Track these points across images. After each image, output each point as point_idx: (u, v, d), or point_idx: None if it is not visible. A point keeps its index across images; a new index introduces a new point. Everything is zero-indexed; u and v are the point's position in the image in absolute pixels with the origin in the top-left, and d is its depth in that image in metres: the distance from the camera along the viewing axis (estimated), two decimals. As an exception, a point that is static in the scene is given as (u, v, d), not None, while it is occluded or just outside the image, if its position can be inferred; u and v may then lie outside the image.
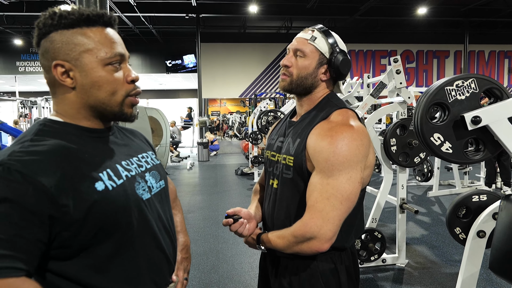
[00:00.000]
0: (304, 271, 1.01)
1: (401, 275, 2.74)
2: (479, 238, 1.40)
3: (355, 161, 0.90)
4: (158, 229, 0.79)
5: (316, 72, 1.01)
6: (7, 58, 12.30)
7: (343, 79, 1.04)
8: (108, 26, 0.73)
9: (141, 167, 0.80)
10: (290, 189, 1.01)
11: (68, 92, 0.71)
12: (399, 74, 2.76)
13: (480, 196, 1.52)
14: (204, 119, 9.95)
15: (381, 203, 2.84)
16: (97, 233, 0.67)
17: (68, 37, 0.69)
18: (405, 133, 2.70)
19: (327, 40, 1.00)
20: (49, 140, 0.67)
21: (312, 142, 0.95)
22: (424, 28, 11.59)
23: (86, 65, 0.69)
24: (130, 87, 0.75)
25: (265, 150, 1.17)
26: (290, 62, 1.02)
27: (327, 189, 0.90)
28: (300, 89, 1.03)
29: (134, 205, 0.73)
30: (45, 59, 0.70)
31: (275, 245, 0.98)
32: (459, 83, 1.30)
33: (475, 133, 1.32)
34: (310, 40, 1.00)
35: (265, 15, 9.94)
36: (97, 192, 0.66)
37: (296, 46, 1.01)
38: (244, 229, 1.05)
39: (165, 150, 5.07)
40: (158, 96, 18.91)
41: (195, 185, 6.42)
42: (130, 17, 9.65)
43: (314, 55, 1.00)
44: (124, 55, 0.74)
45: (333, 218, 0.89)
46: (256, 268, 2.89)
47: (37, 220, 0.60)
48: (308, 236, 0.90)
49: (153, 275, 0.76)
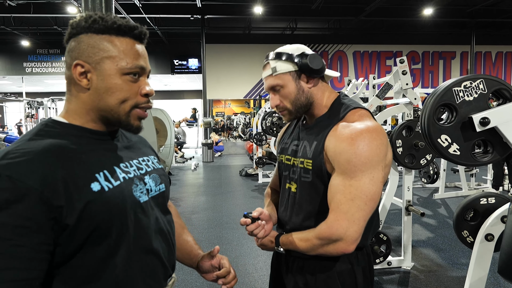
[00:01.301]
0: (321, 271, 1.01)
1: (407, 278, 2.71)
2: (488, 241, 1.38)
3: (376, 161, 0.91)
4: (154, 233, 0.78)
5: (301, 88, 1.02)
6: (14, 59, 12.43)
7: (323, 72, 1.02)
8: (137, 39, 0.75)
9: (141, 169, 0.80)
10: (309, 192, 1.02)
11: (82, 92, 0.73)
12: (405, 75, 2.74)
13: (488, 198, 1.50)
14: (209, 120, 9.97)
15: (387, 205, 2.81)
16: (92, 233, 0.66)
17: (95, 41, 0.71)
18: (411, 135, 2.68)
19: (284, 60, 1.01)
20: (45, 140, 0.67)
21: (332, 144, 0.96)
22: (430, 29, 11.51)
23: (105, 70, 0.72)
24: (142, 100, 0.75)
25: (278, 155, 1.17)
26: (276, 100, 1.03)
27: (351, 191, 0.90)
28: (301, 110, 1.04)
29: (130, 207, 0.72)
30: (69, 56, 0.73)
31: (298, 247, 0.98)
32: (467, 84, 1.28)
33: (484, 134, 1.30)
34: (274, 73, 1.02)
35: (270, 16, 9.93)
36: (92, 193, 0.66)
37: (269, 85, 1.04)
38: (260, 231, 1.05)
39: (170, 150, 5.08)
40: (163, 97, 18.98)
41: (199, 186, 6.42)
42: (136, 18, 9.69)
43: (287, 79, 1.01)
44: (145, 68, 0.76)
45: (358, 219, 0.90)
46: (260, 270, 2.88)
47: (34, 225, 0.60)
48: (334, 238, 0.91)
49: (148, 279, 0.76)
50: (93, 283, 0.68)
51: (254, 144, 6.97)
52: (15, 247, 0.58)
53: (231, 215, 4.46)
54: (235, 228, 3.90)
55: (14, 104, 15.77)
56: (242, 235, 3.65)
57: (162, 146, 5.02)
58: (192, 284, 2.66)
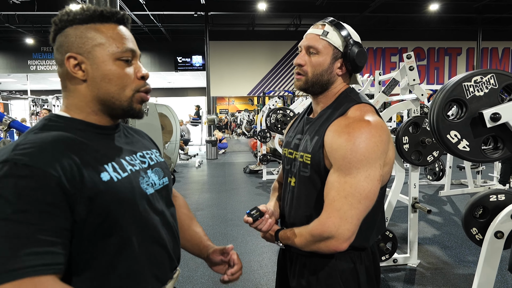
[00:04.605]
0: (323, 270, 0.99)
1: (413, 275, 2.69)
2: (497, 239, 1.36)
3: (373, 158, 0.88)
4: (161, 225, 0.79)
5: (331, 68, 0.99)
6: (19, 57, 12.49)
7: (359, 71, 1.01)
8: (121, 24, 0.76)
9: (144, 163, 0.80)
10: (307, 187, 1.00)
11: (79, 84, 0.73)
12: (412, 70, 2.71)
13: (498, 195, 1.47)
14: (213, 117, 9.97)
15: (393, 202, 2.79)
16: (102, 224, 0.66)
17: (82, 32, 0.71)
18: (418, 131, 2.65)
19: (340, 33, 0.97)
20: (52, 132, 0.68)
21: (329, 139, 0.93)
22: (436, 24, 11.40)
23: (97, 58, 0.71)
24: (140, 83, 0.76)
25: (283, 148, 1.15)
26: (303, 60, 0.99)
27: (345, 188, 0.88)
28: (316, 87, 1.00)
29: (139, 198, 0.73)
30: (59, 53, 0.72)
31: (294, 242, 0.97)
32: (478, 78, 1.26)
33: (494, 130, 1.27)
34: (322, 36, 0.97)
35: (274, 12, 9.90)
36: (102, 182, 0.67)
37: (308, 43, 0.98)
38: (263, 225, 1.04)
39: (175, 147, 5.07)
40: (167, 94, 19.01)
41: (204, 183, 6.43)
42: (139, 15, 9.70)
43: (327, 51, 0.97)
44: (135, 51, 0.76)
45: (351, 217, 0.87)
46: (265, 267, 2.88)
47: (56, 210, 0.60)
48: (326, 235, 0.88)
49: (155, 270, 0.76)
50: (107, 275, 0.68)
51: (258, 141, 6.96)
52: (41, 231, 0.58)
53: (235, 212, 4.46)
54: (240, 225, 3.90)
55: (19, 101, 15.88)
56: (247, 232, 3.65)
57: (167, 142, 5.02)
58: (197, 281, 2.67)
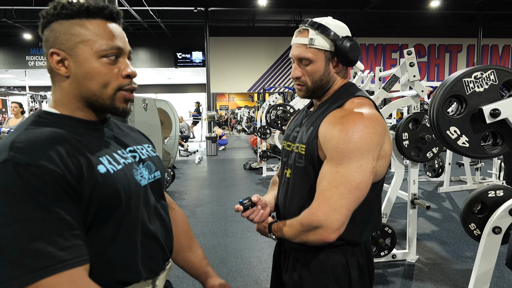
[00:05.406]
0: (315, 264, 1.00)
1: (412, 270, 2.71)
2: (495, 234, 1.37)
3: (366, 149, 0.88)
4: (154, 217, 0.80)
5: (328, 69, 0.99)
6: (17, 53, 12.43)
7: (355, 63, 1.01)
8: (109, 20, 0.73)
9: (134, 158, 0.81)
10: (302, 178, 1.00)
11: (63, 81, 0.72)
12: (413, 67, 2.71)
13: (497, 191, 1.48)
14: (213, 114, 9.96)
15: (392, 199, 2.81)
16: (98, 215, 0.68)
17: (66, 27, 0.70)
18: (418, 127, 2.65)
19: (325, 35, 0.96)
20: (44, 128, 0.68)
21: (323, 130, 0.94)
22: (437, 21, 11.36)
23: (80, 55, 0.70)
24: (124, 82, 0.74)
25: (282, 141, 1.16)
26: (300, 72, 1.00)
27: (336, 178, 0.88)
28: (319, 91, 1.02)
29: (134, 189, 0.74)
30: (45, 46, 0.72)
31: (284, 233, 0.97)
32: (478, 74, 1.26)
33: (494, 126, 1.28)
34: (309, 45, 0.96)
35: (274, 8, 9.85)
36: (100, 174, 0.68)
37: (299, 54, 0.98)
38: (255, 216, 1.04)
39: (174, 142, 5.07)
40: (166, 90, 18.97)
41: (204, 179, 6.44)
42: (139, 10, 9.65)
43: (319, 57, 0.97)
44: (123, 49, 0.74)
45: (341, 207, 0.87)
46: (265, 262, 2.89)
47: (68, 205, 0.62)
48: (315, 224, 0.88)
49: (149, 261, 0.77)
50: (101, 265, 0.69)
51: (258, 138, 6.96)
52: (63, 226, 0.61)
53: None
54: (240, 221, 3.91)
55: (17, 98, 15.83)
56: (247, 228, 3.66)
57: (166, 137, 5.02)
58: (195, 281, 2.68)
